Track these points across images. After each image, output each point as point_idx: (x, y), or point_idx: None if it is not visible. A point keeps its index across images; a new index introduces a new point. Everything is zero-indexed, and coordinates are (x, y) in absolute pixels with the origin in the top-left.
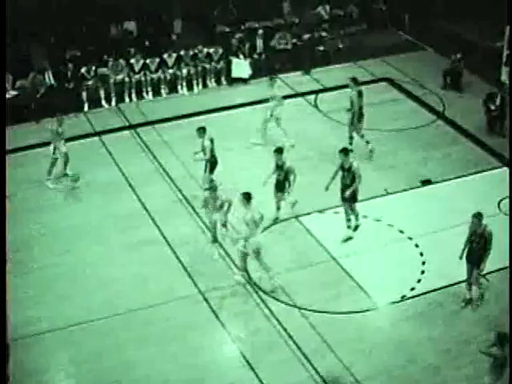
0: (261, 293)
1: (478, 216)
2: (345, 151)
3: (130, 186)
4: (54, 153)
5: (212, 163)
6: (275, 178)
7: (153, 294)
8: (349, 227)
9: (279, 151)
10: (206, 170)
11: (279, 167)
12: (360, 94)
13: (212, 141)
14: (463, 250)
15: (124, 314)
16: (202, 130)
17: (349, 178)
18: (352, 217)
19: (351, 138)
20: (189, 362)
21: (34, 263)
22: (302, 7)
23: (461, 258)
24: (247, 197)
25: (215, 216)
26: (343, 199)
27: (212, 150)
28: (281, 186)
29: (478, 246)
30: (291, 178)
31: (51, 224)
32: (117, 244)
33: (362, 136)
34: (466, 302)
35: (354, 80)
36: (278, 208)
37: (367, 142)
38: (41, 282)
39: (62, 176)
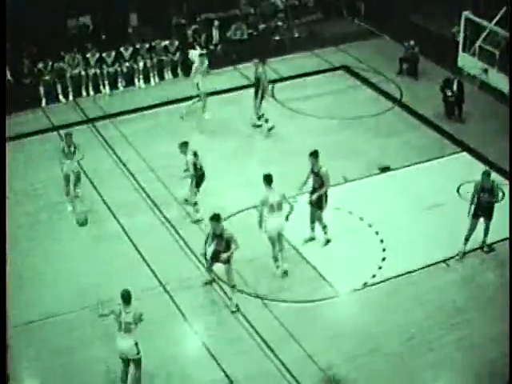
0: (222, 284)
1: (489, 172)
2: (314, 154)
3: (90, 180)
4: (62, 170)
5: (198, 177)
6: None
7: (115, 288)
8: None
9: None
10: (191, 183)
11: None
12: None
13: (195, 154)
14: (470, 207)
15: (89, 308)
16: (184, 145)
17: (317, 182)
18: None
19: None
20: (154, 356)
21: None
22: None
23: (469, 214)
24: (268, 179)
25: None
26: (309, 202)
27: (196, 164)
28: None
29: (488, 199)
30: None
31: (12, 220)
32: (78, 239)
33: (262, 115)
34: (460, 256)
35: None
36: None
37: (266, 121)
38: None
39: (76, 196)
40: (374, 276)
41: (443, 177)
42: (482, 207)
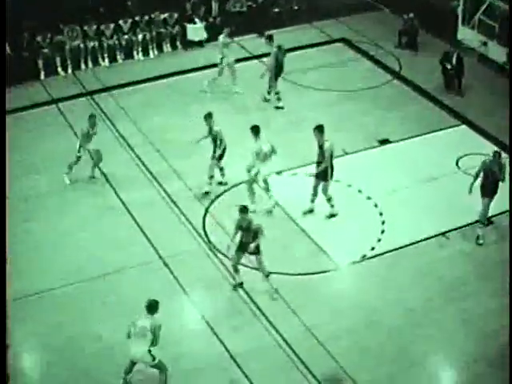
0: (221, 256)
1: (499, 153)
2: (319, 128)
3: (90, 154)
4: (78, 151)
5: (222, 151)
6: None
7: (112, 261)
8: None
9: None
10: (213, 157)
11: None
12: (280, 49)
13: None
14: (472, 184)
15: (85, 282)
16: (208, 116)
17: (321, 155)
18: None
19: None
20: None
21: None
22: None
23: (470, 191)
24: (255, 130)
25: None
26: (314, 175)
27: (221, 138)
28: None
29: (495, 179)
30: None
31: (13, 192)
32: (78, 212)
33: (277, 93)
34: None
35: (270, 37)
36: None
37: (279, 99)
38: None
39: (91, 177)
40: (373, 249)
41: (442, 150)
42: (489, 188)
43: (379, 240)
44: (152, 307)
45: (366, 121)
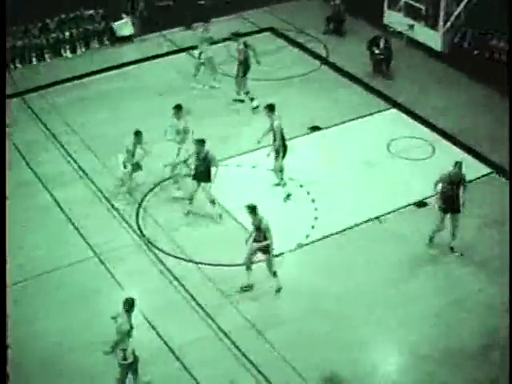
0: (156, 250)
1: (461, 164)
2: (268, 107)
3: (21, 154)
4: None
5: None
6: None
7: (48, 260)
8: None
9: None
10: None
11: None
12: (246, 46)
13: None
14: (436, 199)
15: (24, 281)
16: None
17: (273, 134)
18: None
19: (238, 92)
20: (95, 324)
21: None
22: None
23: (438, 207)
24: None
25: None
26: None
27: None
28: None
29: (455, 192)
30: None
31: None
32: (11, 212)
33: (247, 92)
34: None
35: (237, 34)
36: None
37: (252, 99)
38: None
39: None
40: (307, 236)
41: (373, 134)
42: (450, 201)
43: (313, 227)
44: (127, 305)
45: (296, 108)
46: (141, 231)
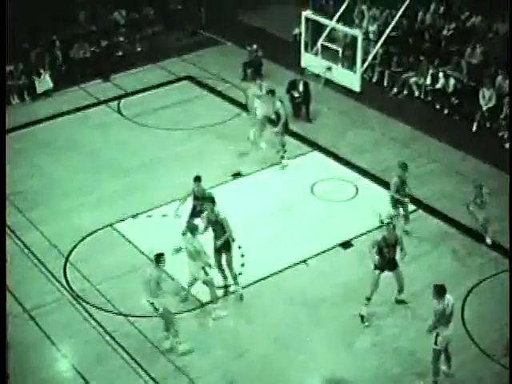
0: (85, 304)
1: (392, 222)
2: (271, 92)
3: None
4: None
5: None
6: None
7: None
8: None
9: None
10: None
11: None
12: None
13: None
14: (373, 259)
15: None
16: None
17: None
18: None
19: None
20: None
21: None
22: (97, 14)
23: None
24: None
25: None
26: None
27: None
28: None
29: (392, 254)
30: None
31: None
32: None
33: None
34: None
35: (272, 92)
36: None
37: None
38: None
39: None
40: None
41: (296, 177)
42: (387, 263)
43: (240, 273)
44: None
45: (218, 155)
46: (69, 285)
